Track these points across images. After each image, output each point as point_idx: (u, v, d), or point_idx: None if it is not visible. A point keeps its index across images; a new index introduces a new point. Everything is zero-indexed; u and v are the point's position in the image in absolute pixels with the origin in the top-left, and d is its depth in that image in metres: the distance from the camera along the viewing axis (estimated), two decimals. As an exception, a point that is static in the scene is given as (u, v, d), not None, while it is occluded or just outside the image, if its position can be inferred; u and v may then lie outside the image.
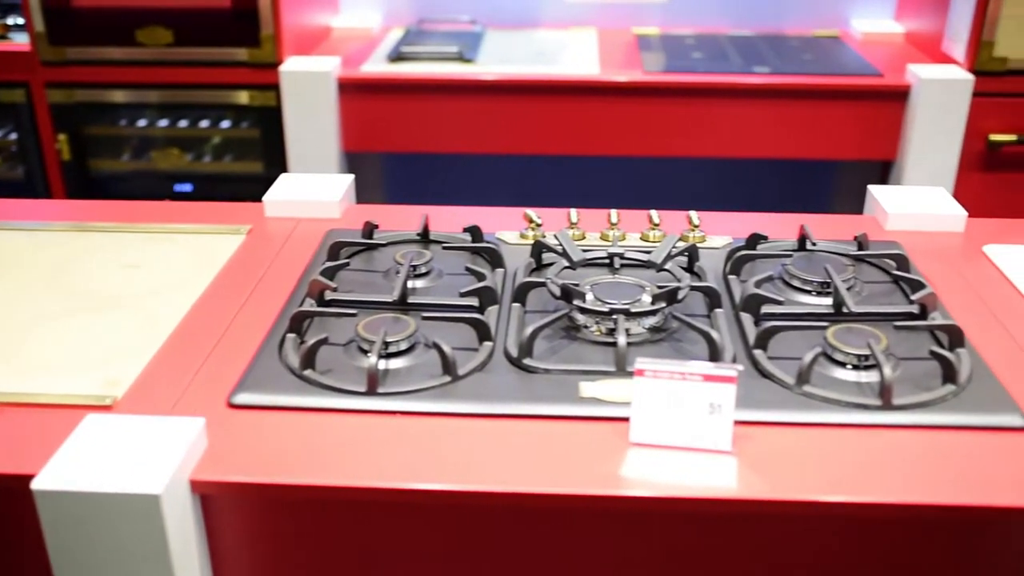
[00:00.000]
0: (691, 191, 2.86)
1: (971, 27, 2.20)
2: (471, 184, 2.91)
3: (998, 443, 0.92)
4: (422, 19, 2.73)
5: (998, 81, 2.21)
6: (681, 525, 0.89)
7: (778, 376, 0.99)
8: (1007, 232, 1.39)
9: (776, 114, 2.24)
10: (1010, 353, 1.07)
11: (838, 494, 0.84)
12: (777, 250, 1.24)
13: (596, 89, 2.22)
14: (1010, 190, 2.31)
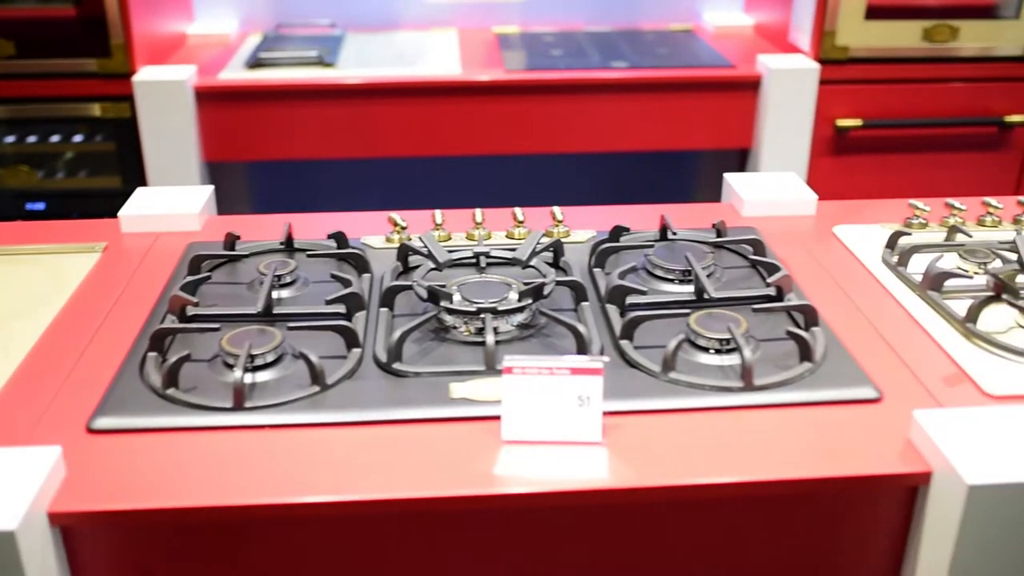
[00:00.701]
0: (556, 187, 2.89)
1: (814, 18, 2.29)
2: (339, 190, 2.88)
3: (854, 415, 0.96)
4: (280, 24, 2.69)
5: (841, 69, 2.31)
6: (559, 518, 0.90)
7: (644, 365, 1.01)
8: (855, 213, 1.46)
9: (635, 108, 2.28)
10: (861, 329, 1.12)
11: (706, 476, 0.87)
12: (640, 241, 1.27)
13: (458, 89, 2.22)
14: (858, 173, 2.42)
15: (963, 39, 2.35)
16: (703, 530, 0.93)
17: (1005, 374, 1.02)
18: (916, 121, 2.39)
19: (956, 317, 1.11)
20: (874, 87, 2.36)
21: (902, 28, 2.32)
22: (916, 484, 0.90)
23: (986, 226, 1.40)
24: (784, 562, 0.95)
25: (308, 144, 2.29)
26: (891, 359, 1.06)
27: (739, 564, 0.94)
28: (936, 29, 2.33)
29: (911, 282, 1.21)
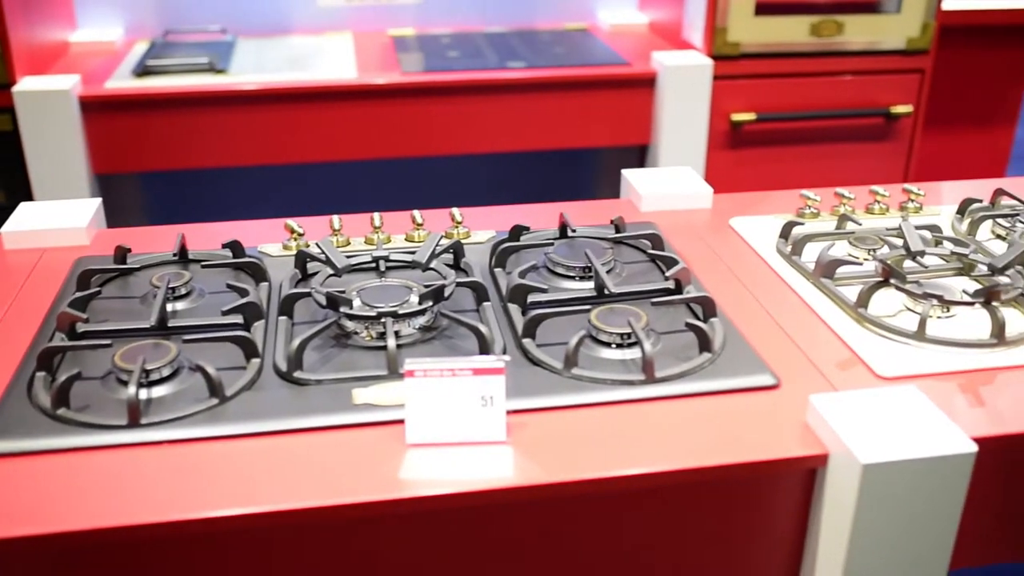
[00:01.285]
0: (457, 189, 2.89)
1: (706, 15, 2.33)
2: (236, 199, 2.82)
3: (753, 402, 0.98)
4: (168, 30, 2.62)
5: (734, 64, 2.36)
6: (468, 519, 0.90)
7: (547, 362, 1.01)
8: (750, 205, 1.49)
9: (533, 107, 2.29)
10: (758, 318, 1.14)
11: (611, 469, 0.87)
12: (539, 240, 1.27)
13: (355, 93, 2.20)
14: (753, 165, 2.47)
15: (849, 33, 2.42)
16: (610, 523, 0.93)
17: (895, 356, 1.05)
18: (807, 114, 2.46)
19: (848, 303, 1.14)
20: (766, 81, 2.42)
21: (790, 23, 2.37)
22: (814, 466, 0.92)
23: (874, 214, 1.44)
24: (692, 549, 0.96)
25: (202, 153, 2.24)
26: (787, 346, 1.08)
27: (647, 553, 0.95)
28: (823, 24, 2.39)
29: (804, 270, 1.24)
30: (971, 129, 3.31)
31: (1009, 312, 1.14)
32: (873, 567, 0.91)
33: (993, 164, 3.40)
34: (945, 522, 0.91)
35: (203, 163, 2.28)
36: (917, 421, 0.91)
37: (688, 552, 0.96)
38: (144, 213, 2.78)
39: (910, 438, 0.88)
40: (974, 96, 3.24)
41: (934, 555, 0.93)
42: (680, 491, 0.93)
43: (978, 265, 1.20)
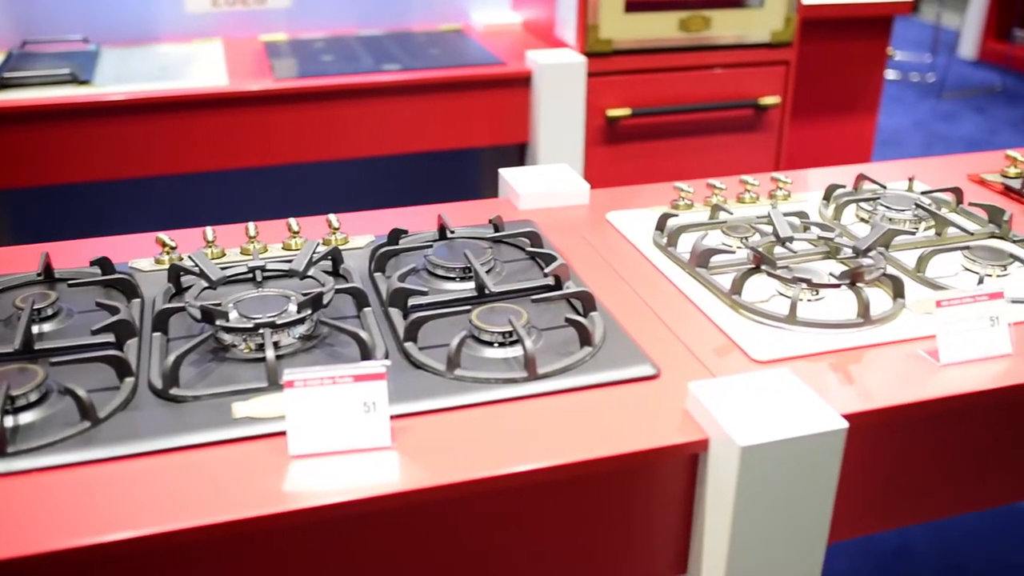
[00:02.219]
0: (337, 195, 2.85)
1: (577, 13, 2.36)
2: (107, 214, 2.73)
3: (635, 393, 1.00)
4: (25, 40, 2.52)
5: (607, 61, 2.39)
6: (358, 527, 0.89)
7: (430, 365, 1.01)
8: (627, 199, 1.51)
9: (410, 109, 2.28)
10: (638, 309, 1.16)
11: (497, 468, 0.88)
12: (419, 242, 1.27)
13: (226, 101, 2.15)
14: (630, 159, 2.51)
15: (716, 28, 2.48)
16: (501, 520, 0.94)
17: (768, 340, 1.09)
18: (680, 107, 2.51)
19: (722, 290, 1.17)
20: (639, 77, 2.46)
21: (660, 20, 2.42)
22: (696, 451, 0.94)
23: (745, 202, 1.48)
24: (584, 539, 0.97)
25: (68, 168, 2.15)
26: (666, 335, 1.11)
27: (541, 547, 0.96)
28: (691, 19, 2.45)
29: (680, 261, 1.26)
30: (837, 117, 3.44)
31: (873, 292, 1.19)
32: (756, 544, 0.94)
33: (859, 150, 3.54)
34: (822, 497, 0.95)
35: (69, 178, 2.19)
36: (790, 402, 0.94)
37: (581, 542, 0.97)
38: (8, 232, 2.66)
39: (784, 419, 0.91)
40: (838, 86, 3.37)
41: (813, 529, 0.96)
42: (568, 484, 0.94)
43: (843, 248, 1.25)
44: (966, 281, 1.23)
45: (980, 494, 1.16)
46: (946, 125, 5.14)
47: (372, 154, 2.33)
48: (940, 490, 1.13)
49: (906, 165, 1.71)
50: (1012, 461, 1.14)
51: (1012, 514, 2.19)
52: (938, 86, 5.83)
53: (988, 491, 1.16)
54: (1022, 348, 1.10)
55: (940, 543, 2.09)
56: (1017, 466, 1.15)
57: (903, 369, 1.05)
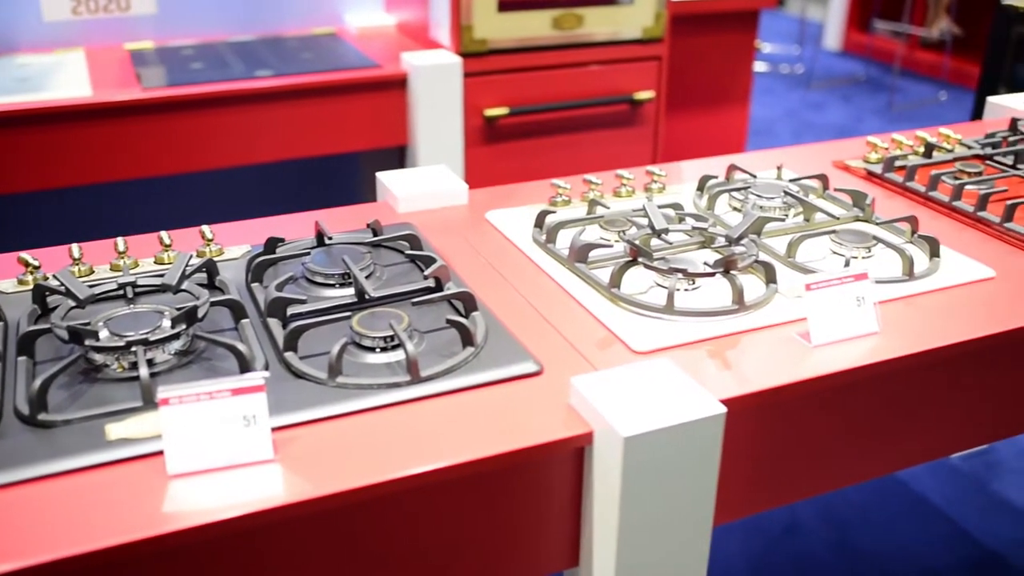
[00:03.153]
0: (213, 205, 2.78)
1: (451, 14, 2.36)
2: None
3: (519, 390, 1.00)
4: None
5: (482, 61, 2.40)
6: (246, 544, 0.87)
7: (311, 374, 0.99)
8: (505, 197, 1.52)
9: (285, 115, 2.25)
10: (519, 307, 1.17)
11: (383, 474, 0.87)
12: (296, 250, 1.25)
13: (91, 112, 2.07)
14: (510, 158, 2.52)
15: (589, 25, 2.51)
16: (389, 525, 0.93)
17: (648, 331, 1.10)
18: (557, 104, 2.53)
19: (601, 284, 1.19)
20: (516, 76, 2.47)
21: (533, 18, 2.44)
22: (581, 444, 0.95)
23: (622, 196, 1.50)
24: (475, 539, 0.97)
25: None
26: (548, 332, 1.11)
27: (432, 549, 0.96)
28: (564, 17, 2.47)
29: (559, 257, 1.28)
30: (710, 109, 3.53)
31: (747, 279, 1.22)
32: (644, 532, 0.95)
33: (733, 140, 3.64)
34: (705, 481, 0.97)
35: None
36: (670, 390, 0.96)
37: (473, 541, 0.97)
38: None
39: (665, 407, 0.93)
40: (710, 79, 3.46)
41: (699, 512, 0.98)
42: (456, 485, 0.93)
43: (717, 238, 1.28)
44: (834, 264, 1.28)
45: (860, 467, 1.21)
46: (815, 114, 5.32)
47: (247, 163, 2.29)
48: (821, 466, 1.16)
49: (775, 154, 1.76)
50: (887, 433, 1.18)
51: (895, 488, 2.28)
52: (806, 77, 6.03)
53: (867, 463, 1.21)
54: (888, 326, 1.14)
55: (827, 519, 2.16)
56: (892, 437, 1.19)
57: (777, 352, 1.08)
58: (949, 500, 2.24)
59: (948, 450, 1.29)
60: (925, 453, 1.25)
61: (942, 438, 1.25)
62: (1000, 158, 1.70)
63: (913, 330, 1.14)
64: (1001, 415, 1.28)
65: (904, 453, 1.23)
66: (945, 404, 1.21)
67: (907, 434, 1.20)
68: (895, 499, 2.24)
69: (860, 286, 1.13)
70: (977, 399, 1.23)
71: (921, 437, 1.22)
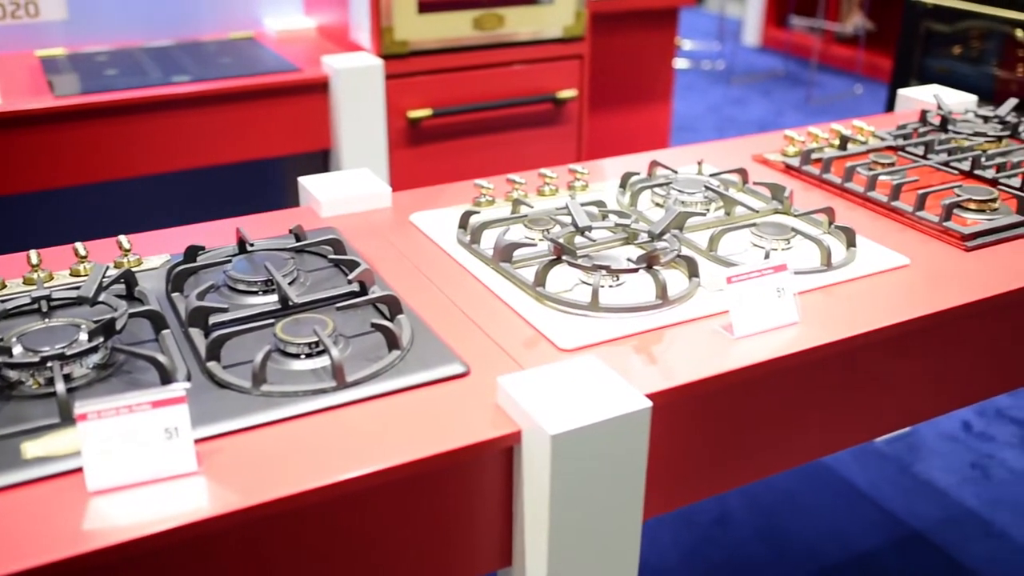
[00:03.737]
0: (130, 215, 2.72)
1: (371, 16, 2.34)
2: None
3: (446, 392, 1.00)
4: None
5: (404, 63, 2.39)
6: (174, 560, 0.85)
7: (235, 383, 0.98)
8: (429, 199, 1.51)
9: (205, 121, 2.21)
10: (445, 309, 1.17)
11: (310, 481, 0.86)
12: (217, 258, 1.23)
13: (2, 122, 2.02)
14: (435, 160, 2.52)
15: (510, 25, 2.52)
16: (319, 532, 0.92)
17: (573, 328, 1.11)
18: (480, 105, 2.53)
19: (527, 283, 1.19)
20: (438, 77, 2.46)
21: (454, 19, 2.43)
22: (510, 444, 0.95)
23: (545, 195, 1.51)
24: (407, 542, 0.97)
25: None
26: (475, 332, 1.11)
27: (363, 554, 0.95)
28: (484, 18, 2.48)
29: (484, 257, 1.28)
30: (634, 107, 3.57)
31: (670, 273, 1.24)
32: (575, 528, 0.96)
33: (657, 137, 3.68)
34: (634, 475, 0.98)
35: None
36: (596, 387, 0.96)
37: (405, 544, 0.97)
38: None
39: (591, 404, 0.93)
40: (632, 76, 3.49)
41: (628, 507, 0.99)
42: (387, 490, 0.93)
43: (640, 234, 1.29)
44: (754, 256, 1.30)
45: (787, 454, 1.23)
46: (736, 109, 5.41)
47: (165, 170, 2.25)
48: (749, 455, 1.18)
49: (696, 149, 1.79)
50: (811, 420, 1.21)
51: (822, 474, 2.33)
52: (727, 73, 6.12)
53: (794, 450, 1.23)
54: (808, 315, 1.17)
55: (757, 508, 2.20)
56: (816, 424, 1.22)
57: (701, 345, 1.10)
58: (874, 483, 2.29)
59: (871, 434, 1.32)
60: (849, 438, 1.28)
61: (865, 423, 1.28)
62: (911, 149, 1.74)
63: (832, 319, 1.16)
64: (921, 397, 1.31)
65: (829, 439, 1.25)
66: (867, 389, 1.24)
67: (831, 420, 1.23)
68: (822, 485, 2.29)
69: (780, 277, 1.16)
70: (897, 383, 1.27)
71: (845, 422, 1.25)
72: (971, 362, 1.33)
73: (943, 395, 1.34)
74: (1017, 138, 1.81)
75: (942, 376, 1.31)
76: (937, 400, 1.34)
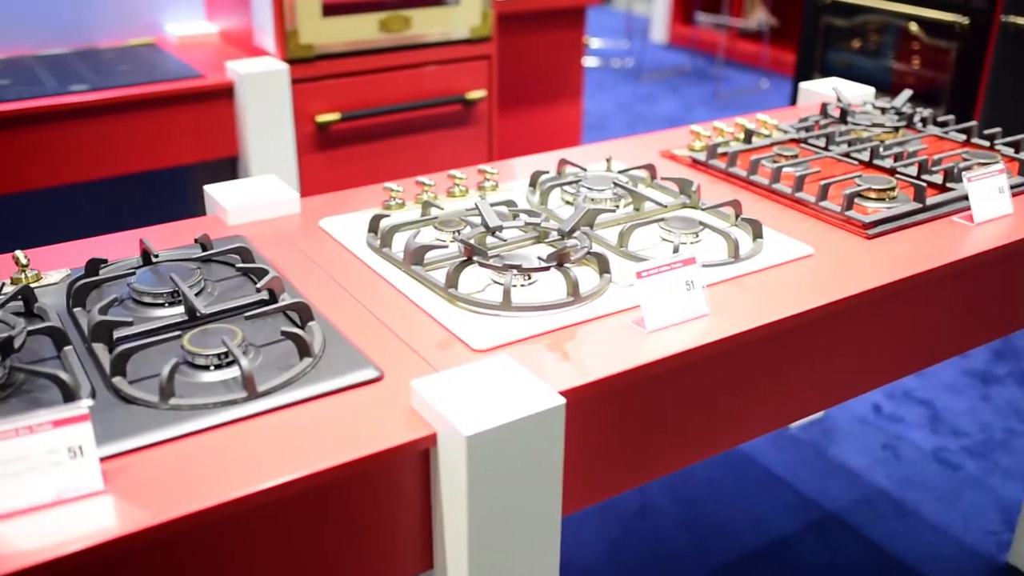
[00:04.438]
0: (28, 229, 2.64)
1: (274, 20, 2.31)
2: None
3: (360, 397, 0.99)
4: None
5: (311, 67, 2.36)
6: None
7: (142, 398, 0.96)
8: (339, 204, 1.50)
9: (106, 131, 2.15)
10: (357, 314, 1.16)
11: (223, 494, 0.84)
12: (121, 271, 1.20)
13: None
14: (345, 164, 2.50)
15: (417, 27, 2.51)
16: (238, 547, 0.90)
17: (487, 329, 1.11)
18: (390, 108, 2.52)
19: (438, 285, 1.19)
20: (346, 80, 2.44)
21: (359, 22, 2.42)
22: (426, 447, 0.95)
23: (456, 196, 1.51)
24: (326, 549, 0.96)
25: None
26: (388, 336, 1.11)
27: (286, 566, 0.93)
28: (391, 20, 2.46)
29: (395, 260, 1.27)
30: (544, 106, 3.59)
31: (581, 270, 1.25)
32: (494, 528, 0.96)
33: (569, 135, 3.71)
34: (551, 473, 0.98)
35: None
36: (510, 386, 0.97)
37: (326, 553, 0.96)
38: None
39: (505, 403, 0.94)
40: (541, 75, 3.51)
41: (547, 505, 1.00)
42: (303, 499, 0.92)
43: (550, 232, 1.30)
44: (664, 251, 1.32)
45: (705, 443, 1.25)
46: (646, 106, 5.48)
47: (64, 182, 2.18)
48: (667, 446, 1.20)
49: (605, 147, 1.80)
50: (727, 409, 1.23)
51: (740, 462, 2.37)
52: (636, 70, 6.19)
53: (711, 439, 1.25)
54: (717, 307, 1.19)
55: (678, 498, 2.23)
56: (733, 412, 1.24)
57: (614, 340, 1.11)
58: (790, 468, 2.34)
59: (786, 420, 1.34)
60: (765, 424, 1.30)
61: (779, 409, 1.30)
62: (813, 141, 1.79)
63: (741, 309, 1.19)
64: (831, 382, 1.35)
65: (745, 426, 1.28)
66: (780, 376, 1.26)
67: (746, 408, 1.25)
68: (740, 472, 2.33)
69: (689, 271, 1.17)
70: (807, 369, 1.29)
71: (760, 410, 1.27)
72: (878, 346, 1.37)
73: (853, 379, 1.38)
74: (913, 128, 1.87)
75: (851, 361, 1.35)
76: (847, 384, 1.38)
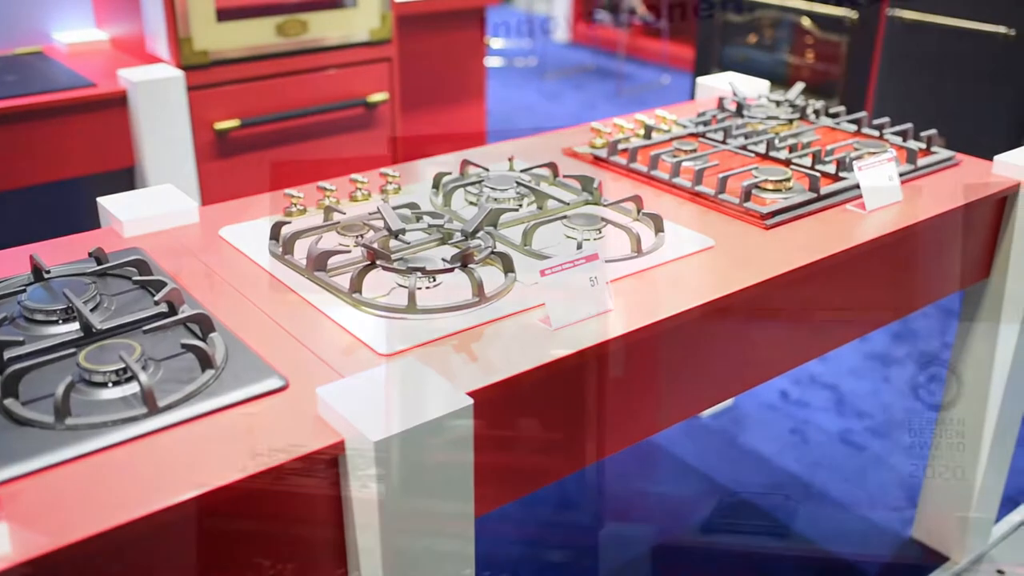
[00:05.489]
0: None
1: (166, 26, 2.26)
2: None
3: (266, 407, 0.98)
4: None
5: (207, 73, 2.32)
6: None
7: (36, 419, 0.93)
8: (239, 212, 1.47)
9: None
10: (260, 323, 1.14)
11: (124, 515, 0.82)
12: (10, 288, 1.16)
13: None
14: (246, 171, 2.45)
15: (314, 31, 2.48)
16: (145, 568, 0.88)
17: (392, 332, 1.11)
18: (290, 113, 2.49)
19: (342, 291, 1.18)
20: (244, 86, 2.40)
21: (255, 26, 2.38)
22: (335, 454, 0.94)
23: (358, 200, 1.49)
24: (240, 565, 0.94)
25: None
26: (292, 345, 1.09)
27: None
28: (287, 24, 2.43)
29: (298, 267, 1.25)
30: (448, 107, 3.58)
31: (486, 270, 1.25)
32: (406, 531, 0.95)
33: (474, 136, 3.71)
34: (462, 474, 0.98)
35: None
36: (417, 389, 0.96)
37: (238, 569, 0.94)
38: None
39: (413, 406, 0.93)
40: (443, 77, 3.50)
41: (460, 506, 0.99)
42: (211, 514, 0.90)
43: (454, 233, 1.29)
44: (568, 248, 1.32)
45: (617, 436, 1.26)
46: (551, 104, 5.51)
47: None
48: (579, 440, 1.21)
49: (508, 146, 1.81)
50: (638, 401, 1.25)
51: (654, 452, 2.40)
52: (540, 69, 6.23)
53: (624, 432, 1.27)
54: (621, 302, 1.20)
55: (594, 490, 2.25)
56: (643, 404, 1.26)
57: (520, 339, 1.11)
58: (703, 457, 2.38)
59: (696, 408, 1.37)
60: (676, 414, 1.33)
61: (689, 399, 1.33)
62: (711, 135, 1.82)
63: (645, 303, 1.20)
64: (739, 370, 1.37)
65: (656, 417, 1.30)
66: (687, 367, 1.28)
67: (656, 399, 1.27)
68: (654, 462, 2.36)
69: (592, 267, 1.18)
70: (715, 358, 1.32)
71: (670, 400, 1.29)
72: (781, 333, 1.40)
73: (759, 366, 1.41)
74: (806, 120, 1.92)
75: (756, 348, 1.38)
76: (754, 371, 1.41)
